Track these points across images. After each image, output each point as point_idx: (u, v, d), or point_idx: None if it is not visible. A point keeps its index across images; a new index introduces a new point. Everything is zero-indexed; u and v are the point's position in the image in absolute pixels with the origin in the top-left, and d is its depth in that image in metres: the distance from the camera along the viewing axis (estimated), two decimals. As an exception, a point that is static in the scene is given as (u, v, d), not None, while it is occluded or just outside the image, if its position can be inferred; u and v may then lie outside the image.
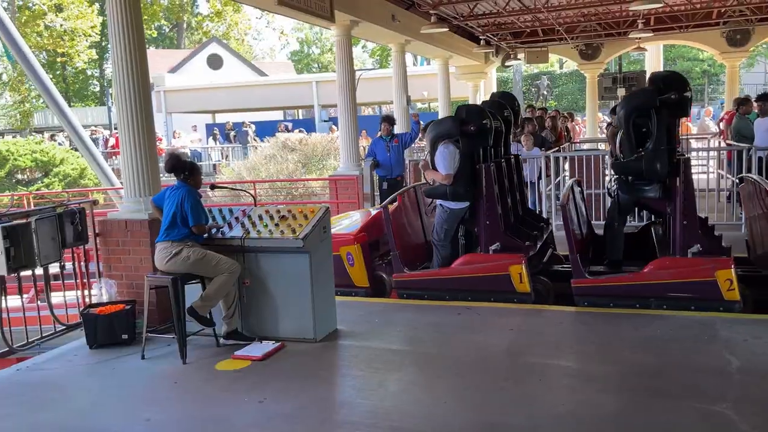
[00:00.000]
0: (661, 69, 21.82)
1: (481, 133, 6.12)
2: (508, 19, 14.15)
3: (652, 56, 21.07)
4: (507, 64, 18.44)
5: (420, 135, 8.97)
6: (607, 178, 8.82)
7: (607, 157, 9.89)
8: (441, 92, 15.12)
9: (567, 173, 10.19)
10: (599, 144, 16.89)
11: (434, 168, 6.23)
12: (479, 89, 18.91)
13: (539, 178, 9.63)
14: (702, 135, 16.43)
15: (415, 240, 6.93)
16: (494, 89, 22.48)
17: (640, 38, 15.77)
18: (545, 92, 34.64)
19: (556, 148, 11.30)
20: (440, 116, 15.24)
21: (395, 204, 6.64)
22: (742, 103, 10.48)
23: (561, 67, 41.79)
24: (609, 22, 15.30)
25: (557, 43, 17.08)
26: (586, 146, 15.81)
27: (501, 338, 5.00)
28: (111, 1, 5.37)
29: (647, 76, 18.90)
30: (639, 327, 5.05)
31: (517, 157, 7.21)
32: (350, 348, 4.95)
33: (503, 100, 7.09)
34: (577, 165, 9.49)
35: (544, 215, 9.54)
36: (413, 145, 11.75)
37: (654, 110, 5.65)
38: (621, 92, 17.73)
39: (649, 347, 4.63)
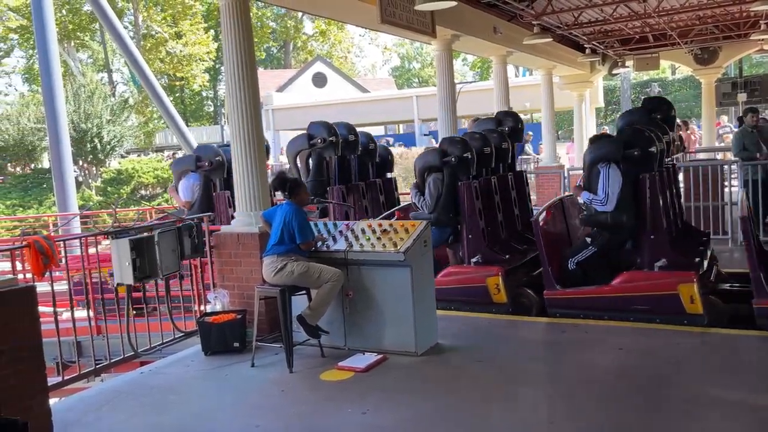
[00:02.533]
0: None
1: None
2: (616, 26, 13.64)
3: (778, 58, 19.55)
4: (614, 72, 17.74)
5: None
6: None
7: (725, 167, 9.29)
8: (544, 103, 14.79)
9: (681, 185, 9.65)
10: (716, 154, 15.88)
11: None
12: (584, 99, 18.32)
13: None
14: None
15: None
16: (600, 99, 21.73)
17: (763, 39, 14.68)
18: (656, 100, 32.94)
19: (669, 159, 10.74)
20: (544, 128, 14.91)
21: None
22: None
23: (673, 73, 39.68)
24: (727, 23, 14.36)
25: (669, 48, 16.23)
26: (702, 156, 14.90)
27: (610, 358, 4.79)
28: (225, 28, 5.71)
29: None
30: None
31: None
32: (452, 363, 4.92)
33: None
34: (692, 176, 8.96)
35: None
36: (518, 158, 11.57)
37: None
38: (742, 98, 16.60)
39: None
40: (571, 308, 5.85)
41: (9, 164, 28.44)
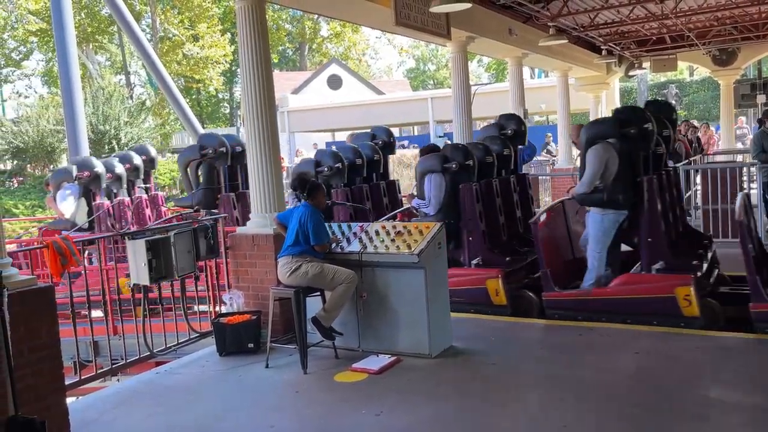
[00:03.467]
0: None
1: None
2: (632, 28, 13.54)
3: (798, 59, 19.28)
4: (631, 73, 17.58)
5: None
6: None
7: (744, 169, 9.18)
8: (560, 105, 14.71)
9: (699, 187, 9.56)
10: (736, 156, 15.69)
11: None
12: (600, 101, 18.19)
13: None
14: None
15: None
16: (617, 100, 21.54)
17: (782, 40, 14.51)
18: (674, 101, 32.68)
19: (687, 161, 10.65)
20: (560, 130, 14.84)
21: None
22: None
23: (691, 74, 39.28)
24: (746, 24, 14.19)
25: (687, 49, 16.07)
26: (720, 158, 14.74)
27: (627, 361, 4.75)
28: (242, 30, 5.75)
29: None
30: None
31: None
32: (466, 365, 4.91)
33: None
34: (710, 178, 8.87)
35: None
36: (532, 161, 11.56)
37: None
38: (761, 99, 16.38)
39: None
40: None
41: (29, 165, 28.82)
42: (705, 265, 5.92)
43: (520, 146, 9.29)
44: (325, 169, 7.41)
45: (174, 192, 24.94)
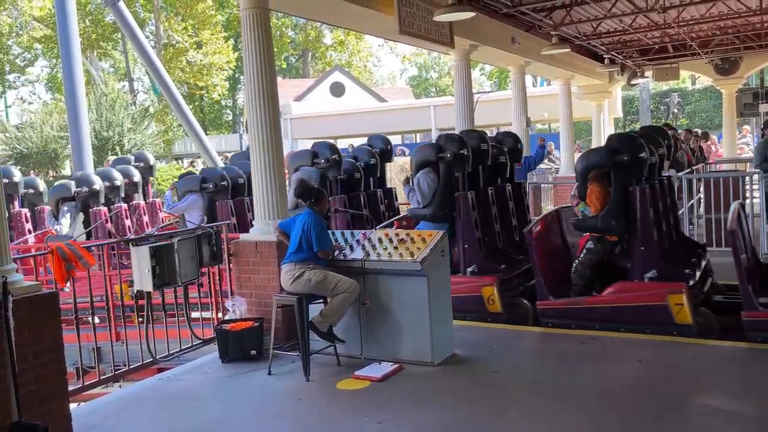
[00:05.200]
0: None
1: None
2: (635, 36, 13.59)
3: (800, 68, 19.30)
4: (633, 82, 17.64)
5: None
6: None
7: (747, 178, 9.18)
8: (562, 113, 14.74)
9: (702, 195, 9.56)
10: (737, 165, 15.70)
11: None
12: (603, 109, 18.22)
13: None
14: None
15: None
16: (619, 109, 21.59)
17: (785, 50, 14.54)
18: (676, 110, 32.70)
19: (689, 170, 10.65)
20: (562, 138, 14.86)
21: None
22: None
23: (693, 83, 39.31)
24: (749, 34, 14.23)
25: (689, 58, 16.11)
26: (723, 167, 14.74)
27: (629, 370, 4.75)
28: (246, 38, 5.78)
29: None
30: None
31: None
32: (468, 373, 4.91)
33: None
34: (713, 187, 8.87)
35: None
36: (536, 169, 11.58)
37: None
38: (764, 108, 16.40)
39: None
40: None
41: (32, 171, 28.88)
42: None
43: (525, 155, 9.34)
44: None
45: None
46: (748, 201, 8.90)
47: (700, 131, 16.44)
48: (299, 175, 7.71)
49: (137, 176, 9.48)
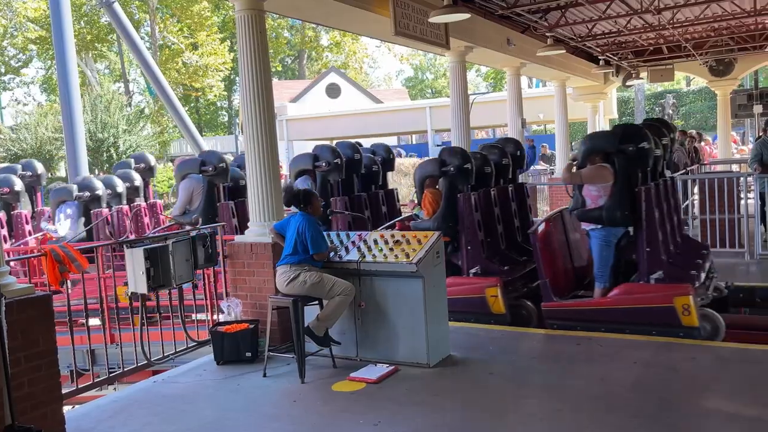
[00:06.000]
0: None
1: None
2: (630, 38, 13.61)
3: (794, 70, 19.41)
4: (628, 83, 17.68)
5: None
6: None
7: (742, 179, 9.21)
8: (558, 114, 14.77)
9: (696, 197, 9.59)
10: (732, 165, 15.75)
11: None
12: (598, 110, 18.26)
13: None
14: None
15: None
16: (614, 110, 21.65)
17: (779, 51, 14.60)
18: (671, 111, 32.81)
19: (683, 171, 10.69)
20: (557, 139, 14.89)
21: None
22: None
23: (688, 84, 39.45)
24: (743, 35, 14.28)
25: (684, 59, 16.16)
26: (718, 168, 14.79)
27: (626, 372, 4.75)
28: (241, 39, 5.77)
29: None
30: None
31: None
32: (464, 375, 4.90)
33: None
34: (708, 188, 8.90)
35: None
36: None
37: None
38: (758, 110, 16.47)
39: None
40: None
41: (26, 173, 28.77)
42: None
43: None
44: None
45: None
46: (743, 202, 8.93)
47: (695, 132, 16.52)
48: (187, 183, 7.92)
49: (138, 180, 9.47)
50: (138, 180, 9.47)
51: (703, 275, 5.93)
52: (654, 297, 5.51)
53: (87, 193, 8.56)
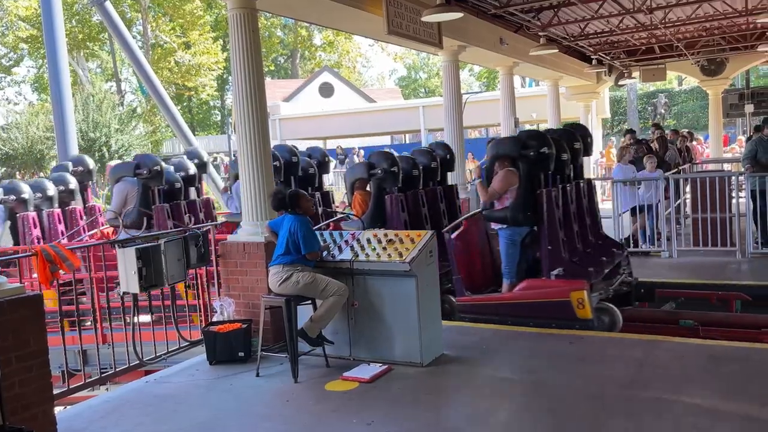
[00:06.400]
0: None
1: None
2: (622, 37, 13.66)
3: (785, 69, 19.53)
4: (621, 83, 17.74)
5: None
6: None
7: (734, 178, 9.25)
8: (551, 113, 14.81)
9: (688, 195, 9.63)
10: (724, 165, 15.83)
11: None
12: (591, 109, 18.33)
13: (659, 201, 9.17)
14: None
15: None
16: (607, 109, 21.72)
17: (770, 51, 14.69)
18: (663, 111, 32.96)
19: (675, 170, 10.73)
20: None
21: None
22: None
23: (680, 84, 39.62)
24: (734, 35, 14.35)
25: (676, 59, 16.24)
26: (710, 167, 14.87)
27: (616, 370, 4.76)
28: (234, 38, 5.75)
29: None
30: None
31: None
32: (458, 374, 4.91)
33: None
34: (699, 187, 8.94)
35: (664, 237, 9.11)
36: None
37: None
38: (749, 109, 16.56)
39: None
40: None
41: (18, 172, 28.65)
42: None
43: None
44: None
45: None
46: (734, 201, 8.97)
47: (686, 132, 16.59)
48: (121, 186, 7.97)
49: (73, 183, 9.10)
50: (73, 183, 9.10)
51: (605, 272, 6.33)
52: (553, 292, 5.85)
53: (12, 197, 8.33)
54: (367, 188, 7.14)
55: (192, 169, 8.88)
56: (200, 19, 36.02)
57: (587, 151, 7.07)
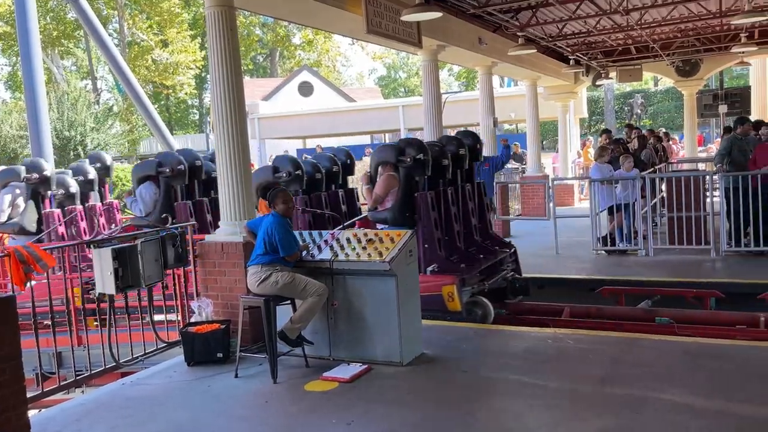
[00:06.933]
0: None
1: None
2: (599, 38, 13.80)
3: (758, 70, 19.86)
4: (598, 83, 17.93)
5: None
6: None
7: (708, 178, 9.40)
8: (529, 113, 14.91)
9: (664, 194, 9.76)
10: (698, 164, 16.08)
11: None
12: (569, 110, 18.49)
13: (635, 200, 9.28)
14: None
15: None
16: (584, 109, 21.94)
17: (743, 52, 14.93)
18: (639, 111, 33.38)
19: (651, 169, 10.87)
20: (529, 138, 15.02)
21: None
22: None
23: (656, 84, 40.18)
24: (709, 36, 14.58)
25: (652, 60, 16.45)
26: (685, 167, 15.09)
27: (596, 368, 4.81)
28: (211, 36, 5.70)
29: (752, 91, 17.91)
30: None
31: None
32: (438, 373, 4.91)
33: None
34: (675, 186, 9.06)
35: (640, 236, 9.22)
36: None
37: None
38: (723, 109, 16.83)
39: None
40: None
41: (-9, 172, 28.09)
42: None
43: (486, 155, 9.49)
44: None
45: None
46: (708, 200, 9.11)
47: (662, 131, 16.83)
48: (7, 191, 8.10)
49: (92, 173, 9.10)
50: (92, 173, 9.09)
51: (482, 268, 6.77)
52: (427, 286, 6.10)
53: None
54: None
55: (91, 174, 8.93)
56: (178, 16, 35.66)
57: (476, 156, 7.71)
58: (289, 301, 5.09)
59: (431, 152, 6.67)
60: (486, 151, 11.05)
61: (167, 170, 7.67)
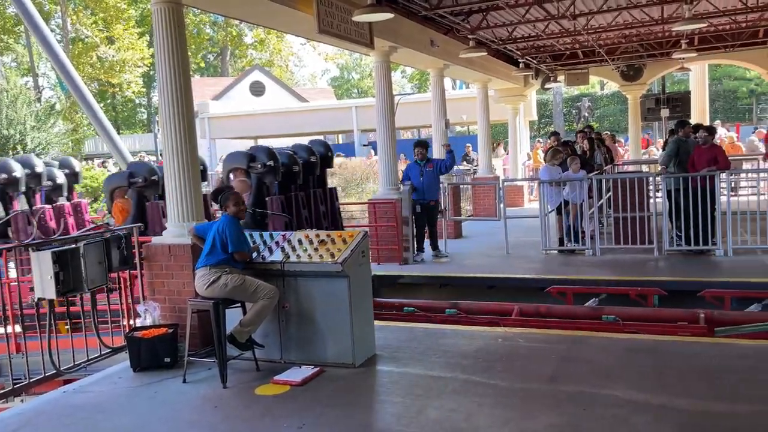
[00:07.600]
0: (707, 89, 21.42)
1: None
2: (548, 42, 14.08)
3: (697, 76, 20.63)
4: (547, 86, 18.28)
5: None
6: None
7: (651, 179, 9.69)
8: (480, 116, 15.07)
9: (611, 194, 10.02)
10: (642, 166, 16.57)
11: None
12: (519, 112, 18.79)
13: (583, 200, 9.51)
14: (751, 156, 16.02)
15: None
16: (534, 112, 22.34)
17: (684, 58, 15.48)
18: (586, 114, 34.22)
19: (597, 171, 11.14)
20: (480, 140, 15.21)
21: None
22: None
23: (602, 88, 41.26)
24: (651, 42, 15.06)
25: (598, 64, 16.88)
26: (630, 168, 15.53)
27: (545, 366, 4.89)
28: (158, 34, 5.56)
29: (692, 96, 18.57)
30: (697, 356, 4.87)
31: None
32: (390, 374, 4.91)
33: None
34: (620, 187, 9.32)
35: (588, 236, 9.43)
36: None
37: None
38: (665, 113, 17.40)
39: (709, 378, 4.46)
40: None
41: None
42: None
43: (431, 158, 9.66)
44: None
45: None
46: (652, 201, 9.39)
47: (609, 134, 17.29)
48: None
49: (61, 178, 8.93)
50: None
51: None
52: None
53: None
54: (126, 196, 7.65)
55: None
56: (124, 13, 34.72)
57: (328, 163, 8.25)
58: (239, 304, 5.00)
59: (282, 159, 7.15)
60: (436, 154, 11.16)
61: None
